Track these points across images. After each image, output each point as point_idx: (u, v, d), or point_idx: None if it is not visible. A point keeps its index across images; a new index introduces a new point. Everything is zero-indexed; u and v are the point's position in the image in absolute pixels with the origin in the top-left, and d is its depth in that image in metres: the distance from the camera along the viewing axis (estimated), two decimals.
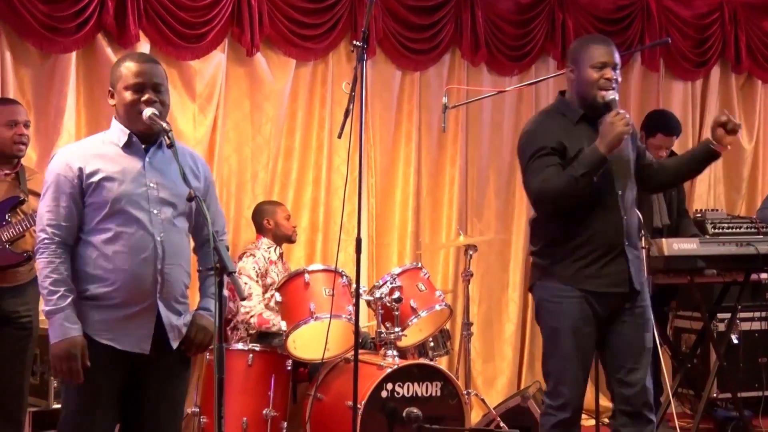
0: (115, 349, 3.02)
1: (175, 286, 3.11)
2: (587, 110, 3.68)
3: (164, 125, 3.01)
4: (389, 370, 4.62)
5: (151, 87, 3.06)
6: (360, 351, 4.07)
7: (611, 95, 3.60)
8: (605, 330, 3.71)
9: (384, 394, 4.60)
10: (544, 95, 6.31)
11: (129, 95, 3.05)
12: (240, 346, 4.87)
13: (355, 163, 4.12)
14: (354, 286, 4.25)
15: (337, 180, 5.72)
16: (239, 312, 5.08)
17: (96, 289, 3.02)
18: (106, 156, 3.07)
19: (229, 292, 5.12)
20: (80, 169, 3.03)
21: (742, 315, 5.62)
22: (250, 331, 5.11)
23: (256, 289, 5.08)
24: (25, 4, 4.87)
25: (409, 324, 4.92)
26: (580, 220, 3.63)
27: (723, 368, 5.27)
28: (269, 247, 5.27)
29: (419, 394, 4.69)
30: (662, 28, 6.42)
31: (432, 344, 5.19)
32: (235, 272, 2.80)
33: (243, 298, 5.10)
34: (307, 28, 5.61)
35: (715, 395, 5.67)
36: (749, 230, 5.56)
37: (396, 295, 4.85)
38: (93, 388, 3.01)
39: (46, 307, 2.99)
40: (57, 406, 4.59)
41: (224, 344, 2.79)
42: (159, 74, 3.11)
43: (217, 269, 2.79)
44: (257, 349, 4.82)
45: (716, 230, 5.54)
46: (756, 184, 6.88)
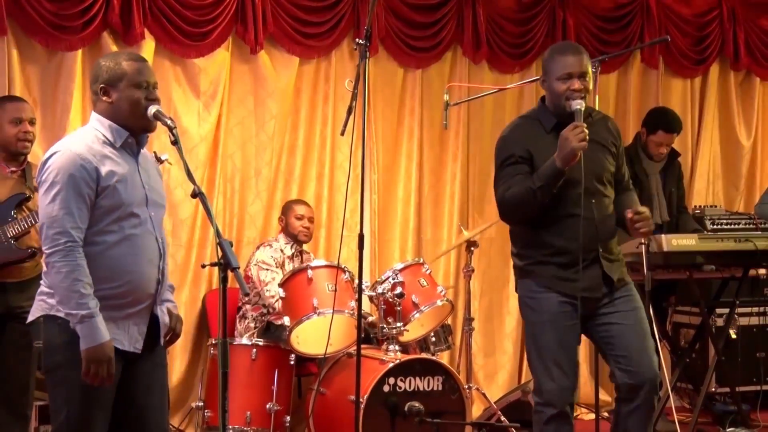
0: (115, 348, 3.02)
1: (167, 284, 3.19)
2: (560, 119, 3.69)
3: (169, 121, 3.02)
4: (391, 365, 4.65)
5: (152, 85, 3.08)
6: (362, 346, 4.10)
7: (576, 105, 3.60)
8: (594, 324, 3.71)
9: (386, 388, 4.63)
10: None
11: (136, 93, 3.04)
12: (244, 340, 4.92)
13: (357, 160, 4.15)
14: (356, 281, 4.27)
15: (340, 176, 5.75)
16: (262, 296, 5.11)
17: (103, 291, 3.00)
18: (110, 157, 3.05)
19: (246, 277, 5.18)
20: (97, 170, 2.99)
21: (740, 310, 5.66)
22: (266, 315, 5.13)
23: (278, 275, 5.10)
24: (32, 2, 4.91)
25: (411, 319, 4.95)
26: (554, 228, 3.65)
27: (721, 363, 5.29)
28: (286, 244, 5.31)
29: (421, 388, 4.72)
30: (662, 25, 6.42)
31: (433, 339, 5.21)
32: (238, 268, 2.81)
33: (246, 294, 5.13)
34: (311, 26, 5.63)
35: (713, 389, 5.68)
36: (747, 226, 5.59)
37: (398, 290, 4.88)
38: (99, 386, 3.00)
39: (79, 311, 2.92)
40: None
41: (228, 339, 2.82)
42: (154, 73, 3.14)
43: (221, 265, 2.81)
44: (261, 343, 4.87)
45: (715, 226, 5.57)
46: (754, 181, 6.88)
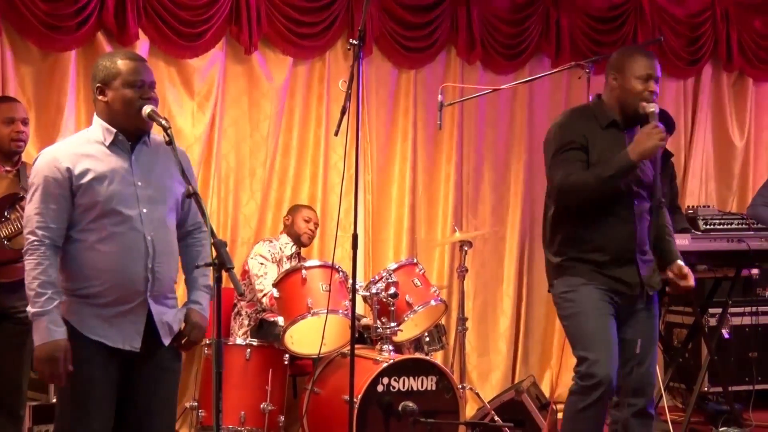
0: (107, 346, 3.03)
1: (165, 283, 3.13)
2: (623, 118, 3.75)
3: (163, 122, 3.01)
4: (385, 365, 4.66)
5: (148, 85, 3.08)
6: (356, 346, 4.11)
7: (652, 107, 3.68)
8: (622, 324, 3.78)
9: (380, 388, 4.64)
10: (538, 93, 6.35)
11: (129, 92, 3.04)
12: (238, 341, 4.93)
13: (351, 160, 4.17)
14: (350, 281, 4.27)
15: (334, 177, 5.75)
16: (253, 290, 5.12)
17: (87, 289, 3.02)
18: (93, 156, 3.05)
19: (243, 274, 5.18)
20: (69, 170, 3.01)
21: (732, 310, 5.67)
22: (259, 308, 5.14)
23: (272, 269, 5.13)
24: (26, 2, 4.91)
25: (405, 319, 4.96)
26: (595, 225, 3.71)
27: (714, 362, 5.32)
28: (286, 243, 5.33)
29: (415, 388, 4.73)
30: (655, 26, 6.45)
31: (427, 339, 5.23)
32: (233, 268, 2.81)
33: (241, 294, 5.13)
34: (305, 26, 5.64)
35: (706, 389, 5.70)
36: (740, 226, 5.60)
37: (392, 290, 4.88)
38: (88, 383, 3.02)
39: (32, 309, 2.98)
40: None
41: (223, 339, 2.82)
42: (152, 73, 3.14)
43: (216, 265, 2.80)
44: (255, 343, 4.87)
45: (708, 226, 5.58)
46: (747, 181, 6.91)
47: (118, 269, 3.02)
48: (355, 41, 3.88)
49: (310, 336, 4.72)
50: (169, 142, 2.99)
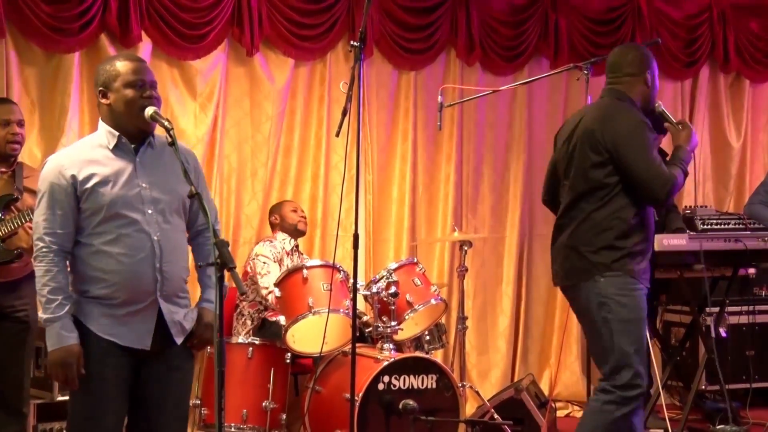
0: (118, 345, 3.06)
1: (175, 282, 3.14)
2: (647, 115, 3.80)
3: (166, 123, 3.03)
4: (386, 363, 4.68)
5: (148, 84, 3.10)
6: (357, 344, 4.13)
7: (661, 105, 3.82)
8: None
9: (381, 386, 4.66)
10: (537, 94, 6.39)
11: (131, 92, 3.06)
12: (241, 339, 4.96)
13: (352, 161, 4.17)
14: (351, 281, 4.30)
15: (335, 177, 5.78)
16: (257, 293, 5.15)
17: (97, 290, 3.05)
18: (97, 160, 3.07)
19: (244, 274, 5.21)
20: (73, 177, 3.04)
21: (730, 309, 5.70)
22: (261, 308, 5.17)
23: (274, 268, 5.15)
24: (30, 5, 4.94)
25: (405, 318, 4.98)
26: (647, 220, 3.77)
27: (711, 361, 5.31)
28: (284, 239, 5.36)
29: (415, 386, 4.74)
30: (653, 28, 6.48)
31: (428, 338, 5.25)
32: (235, 267, 2.82)
33: (243, 293, 5.19)
34: (306, 28, 5.68)
35: (703, 387, 5.73)
36: (737, 226, 5.62)
37: (392, 289, 4.91)
38: (100, 382, 3.04)
39: (44, 315, 3.02)
40: (61, 398, 4.64)
41: (225, 338, 2.84)
42: (152, 72, 3.16)
43: (218, 264, 2.81)
44: (257, 342, 4.89)
45: (705, 226, 5.60)
46: (744, 181, 6.95)
47: (126, 270, 3.05)
48: (355, 43, 3.90)
49: (311, 335, 4.74)
50: (172, 143, 3.00)
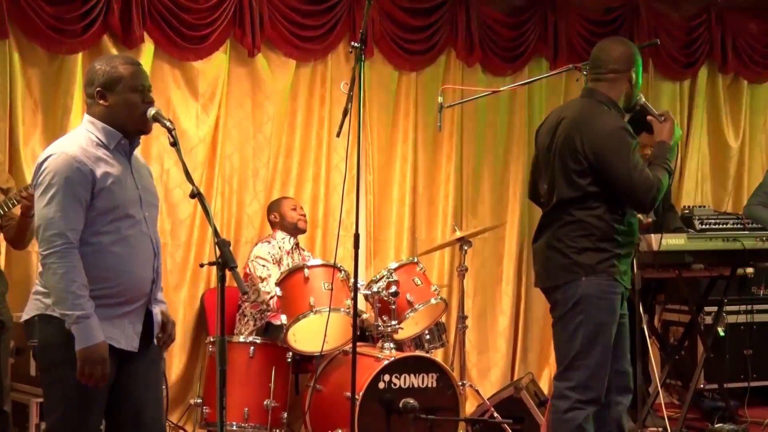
0: (111, 347, 3.04)
1: (160, 283, 3.21)
2: (629, 111, 3.79)
3: (168, 123, 3.06)
4: (386, 362, 4.71)
5: (147, 88, 3.13)
6: (358, 343, 4.14)
7: (642, 98, 3.77)
8: None
9: (381, 385, 4.69)
10: (536, 95, 6.42)
11: (134, 96, 3.07)
12: (242, 338, 4.98)
13: (353, 161, 4.19)
14: (352, 280, 4.32)
15: (336, 177, 5.80)
16: (258, 294, 5.16)
17: (99, 290, 3.02)
18: (104, 159, 3.07)
19: (245, 275, 5.23)
20: (92, 173, 3.01)
21: (728, 308, 5.70)
22: (264, 309, 5.19)
23: (274, 272, 5.18)
24: (33, 6, 4.95)
25: (406, 317, 5.01)
26: (630, 220, 3.72)
27: (710, 360, 5.36)
28: (283, 238, 5.37)
29: (415, 385, 4.77)
30: (651, 29, 6.49)
31: (428, 337, 5.27)
32: (236, 267, 2.86)
33: (244, 293, 5.21)
34: (307, 29, 5.70)
35: (702, 386, 5.75)
36: (735, 226, 5.64)
37: (393, 289, 4.94)
38: (92, 386, 3.01)
39: (74, 312, 2.94)
40: None
41: (226, 337, 2.86)
42: (149, 77, 3.19)
43: (219, 264, 2.85)
44: (258, 341, 4.92)
45: (703, 226, 5.62)
46: (742, 181, 6.97)
47: (131, 271, 3.07)
48: (356, 44, 3.92)
49: (312, 334, 4.76)
50: (174, 144, 3.02)
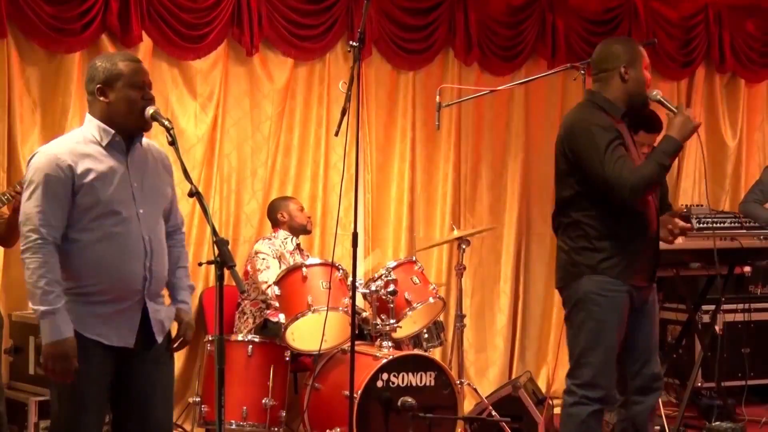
0: (103, 344, 3.06)
1: (161, 282, 3.18)
2: (631, 109, 3.71)
3: (166, 122, 3.05)
4: (385, 361, 4.71)
5: (147, 85, 3.13)
6: (356, 342, 4.15)
7: (659, 93, 3.69)
8: (631, 320, 3.76)
9: (380, 384, 4.69)
10: (534, 94, 6.43)
11: (133, 93, 3.08)
12: (240, 337, 4.98)
13: (351, 160, 4.22)
14: (350, 279, 4.32)
15: (335, 176, 5.81)
16: (259, 292, 5.15)
17: (85, 288, 3.03)
18: (92, 156, 3.06)
19: (245, 274, 5.23)
20: (71, 169, 3.01)
21: (725, 307, 5.69)
22: (264, 306, 5.19)
23: (273, 264, 5.17)
24: (32, 5, 4.96)
25: (404, 316, 5.02)
26: (632, 218, 3.68)
27: (707, 358, 5.37)
28: (285, 238, 5.36)
29: (414, 383, 4.78)
30: (649, 29, 6.52)
31: (426, 335, 5.28)
32: (234, 266, 2.85)
33: (243, 291, 5.22)
34: (305, 29, 5.71)
35: (699, 384, 5.75)
36: (733, 225, 5.66)
37: (391, 288, 4.94)
38: (85, 380, 3.04)
39: (40, 307, 2.97)
40: None
41: (225, 336, 2.87)
42: (149, 74, 3.18)
43: (218, 263, 2.85)
44: (257, 340, 4.91)
45: (701, 225, 5.64)
46: (739, 180, 6.99)
47: (116, 268, 3.05)
48: (354, 43, 3.93)
49: (310, 333, 4.76)
50: (172, 143, 3.02)
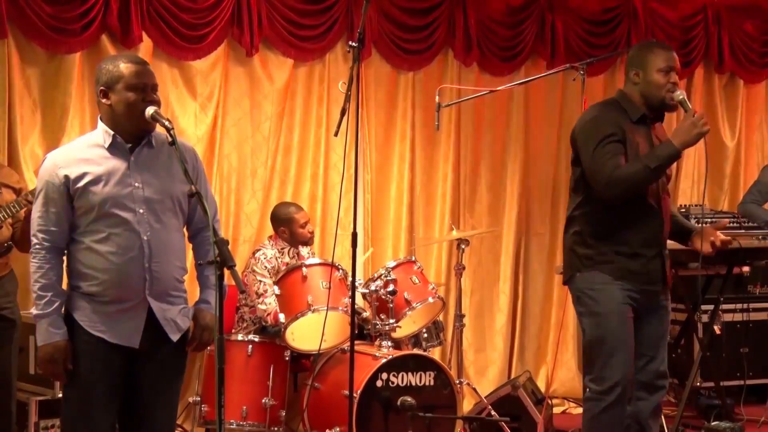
0: (108, 342, 3.09)
1: (166, 282, 3.16)
2: (649, 111, 3.78)
3: (166, 122, 3.06)
4: (384, 361, 4.72)
5: (150, 87, 3.13)
6: (356, 342, 4.15)
7: (681, 95, 3.72)
8: (641, 321, 3.79)
9: (379, 383, 4.70)
10: (533, 94, 6.43)
11: (132, 95, 3.09)
12: (240, 337, 4.98)
13: (351, 160, 4.23)
14: (350, 279, 4.30)
15: (334, 176, 5.82)
16: (256, 308, 5.13)
17: (88, 287, 3.09)
18: (91, 159, 3.11)
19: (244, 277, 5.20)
20: (66, 176, 3.08)
21: (724, 307, 5.73)
22: (264, 323, 5.18)
23: (270, 289, 5.11)
24: (32, 5, 4.97)
25: (403, 316, 5.02)
26: (628, 219, 3.71)
27: (706, 358, 5.37)
28: (282, 248, 5.31)
29: (413, 383, 4.78)
30: (648, 29, 6.52)
31: (425, 335, 5.29)
32: (234, 266, 2.85)
33: (242, 291, 5.21)
34: (305, 29, 5.71)
35: (698, 384, 5.76)
36: (732, 225, 5.68)
37: (390, 287, 4.95)
38: (89, 377, 3.07)
39: (34, 311, 3.09)
40: (62, 395, 4.70)
41: (225, 335, 2.84)
42: (154, 75, 3.19)
43: (218, 263, 2.85)
44: (257, 340, 4.92)
45: (700, 225, 5.65)
46: (738, 181, 6.99)
47: (114, 269, 3.08)
48: (354, 44, 3.92)
49: (310, 332, 4.77)
50: (172, 143, 3.04)
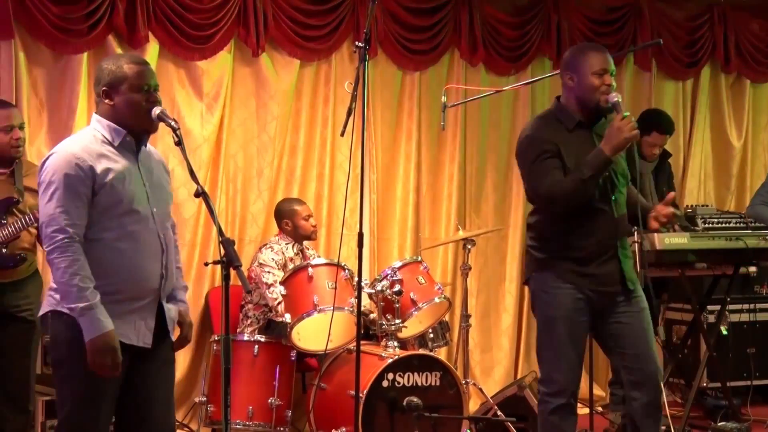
0: (121, 343, 3.06)
1: (173, 280, 3.22)
2: (587, 115, 3.78)
3: (173, 122, 3.07)
4: (390, 361, 4.71)
5: (153, 88, 3.14)
6: (362, 342, 4.16)
7: (615, 97, 3.70)
8: (604, 321, 3.82)
9: (385, 383, 4.70)
10: (539, 94, 6.42)
11: (137, 96, 3.09)
12: (246, 337, 5.00)
13: (357, 160, 4.21)
14: (356, 279, 4.32)
15: (340, 176, 5.82)
16: (266, 298, 5.13)
17: (104, 286, 3.04)
18: (108, 156, 3.09)
19: (251, 280, 5.21)
20: (92, 169, 3.03)
21: (731, 307, 5.74)
22: (266, 311, 5.18)
23: (280, 277, 5.13)
24: (38, 6, 4.97)
25: (410, 316, 5.02)
26: (578, 223, 3.74)
27: (713, 358, 5.38)
28: (287, 244, 5.32)
29: (419, 383, 4.78)
30: (654, 29, 6.51)
31: (431, 335, 5.28)
32: (240, 266, 2.87)
33: (248, 291, 5.20)
34: (311, 29, 5.71)
35: (705, 384, 5.78)
36: (738, 225, 5.67)
37: (396, 287, 4.94)
38: (103, 380, 3.05)
39: (78, 304, 2.96)
40: None
41: (231, 335, 2.88)
42: (155, 75, 3.20)
43: (224, 262, 2.88)
44: (263, 340, 4.93)
45: (706, 225, 5.64)
46: (744, 181, 6.99)
47: (136, 267, 3.08)
48: (360, 44, 3.94)
49: (316, 332, 4.77)
50: (179, 143, 3.05)
